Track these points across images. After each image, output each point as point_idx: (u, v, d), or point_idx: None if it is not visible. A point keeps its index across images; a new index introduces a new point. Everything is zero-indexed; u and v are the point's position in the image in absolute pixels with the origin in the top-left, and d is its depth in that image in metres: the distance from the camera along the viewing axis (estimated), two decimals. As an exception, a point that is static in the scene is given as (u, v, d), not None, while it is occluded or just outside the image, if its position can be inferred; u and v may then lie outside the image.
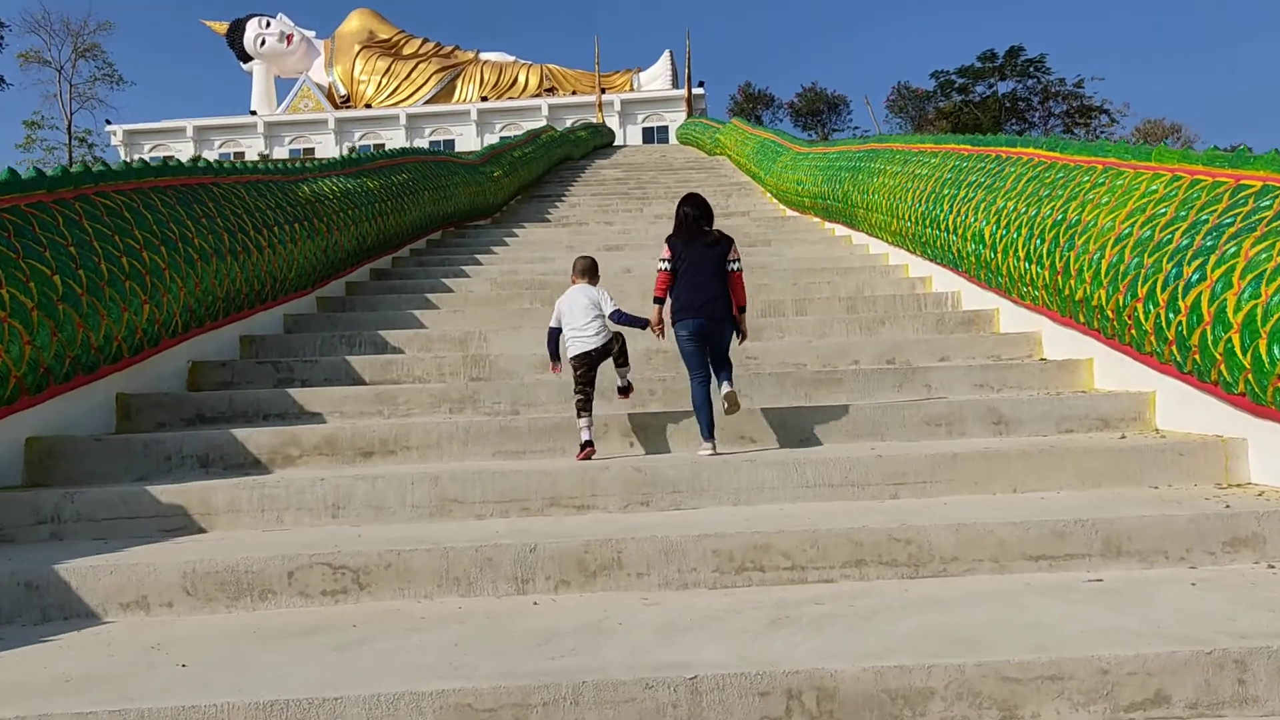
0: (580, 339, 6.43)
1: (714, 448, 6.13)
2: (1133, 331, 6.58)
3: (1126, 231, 6.76)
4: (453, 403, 7.21)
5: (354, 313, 10.26)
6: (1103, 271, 6.86)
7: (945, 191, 10.25)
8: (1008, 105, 56.34)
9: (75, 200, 6.99)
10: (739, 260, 6.56)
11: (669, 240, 6.60)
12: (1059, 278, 7.54)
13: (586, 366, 6.39)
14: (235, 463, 6.19)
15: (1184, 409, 6.19)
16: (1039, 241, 7.90)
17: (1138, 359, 6.66)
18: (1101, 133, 57.83)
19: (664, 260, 6.51)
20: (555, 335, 6.69)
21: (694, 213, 6.56)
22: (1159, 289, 6.18)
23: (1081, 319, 7.39)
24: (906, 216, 11.30)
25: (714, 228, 6.65)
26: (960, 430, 6.47)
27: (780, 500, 5.49)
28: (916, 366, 7.63)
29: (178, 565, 4.42)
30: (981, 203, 9.25)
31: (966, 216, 9.46)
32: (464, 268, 12.61)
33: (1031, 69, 54.56)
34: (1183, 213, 6.36)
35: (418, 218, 14.03)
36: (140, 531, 5.29)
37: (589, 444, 6.15)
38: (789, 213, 18.06)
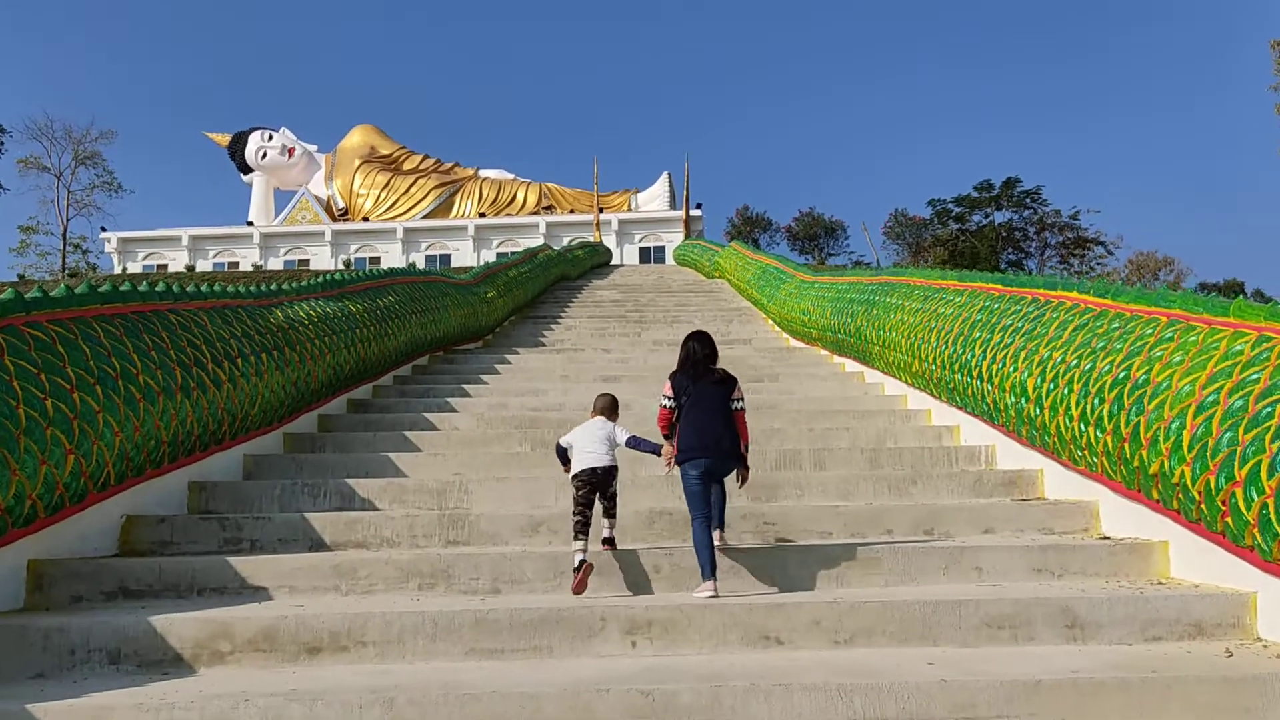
0: (588, 456, 6.43)
1: (715, 589, 5.83)
2: (1228, 519, 5.58)
3: (1211, 399, 5.83)
4: (423, 578, 6.14)
5: (323, 454, 9.24)
6: (1185, 444, 5.90)
7: (976, 335, 9.39)
8: (1004, 235, 56.55)
9: (-2, 332, 6.05)
10: (743, 400, 6.60)
11: (673, 376, 6.63)
12: (1125, 445, 6.59)
13: (589, 487, 6.37)
14: (152, 659, 5.09)
15: (1299, 618, 5.16)
16: (1096, 400, 6.97)
17: (1234, 551, 5.64)
18: (1097, 265, 58.03)
19: (666, 397, 6.57)
20: (563, 451, 6.71)
21: (702, 351, 6.62)
22: (1264, 473, 5.21)
23: (1155, 495, 6.41)
24: (930, 359, 10.43)
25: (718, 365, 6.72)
26: (1028, 634, 5.41)
27: (821, 736, 4.40)
28: (963, 545, 6.59)
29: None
30: (1021, 351, 8.37)
31: (1004, 365, 8.57)
32: (449, 399, 11.65)
33: (1028, 200, 54.91)
34: (1281, 381, 5.46)
35: (403, 343, 13.12)
36: (13, 763, 4.18)
37: (584, 565, 5.96)
38: (793, 343, 17.26)
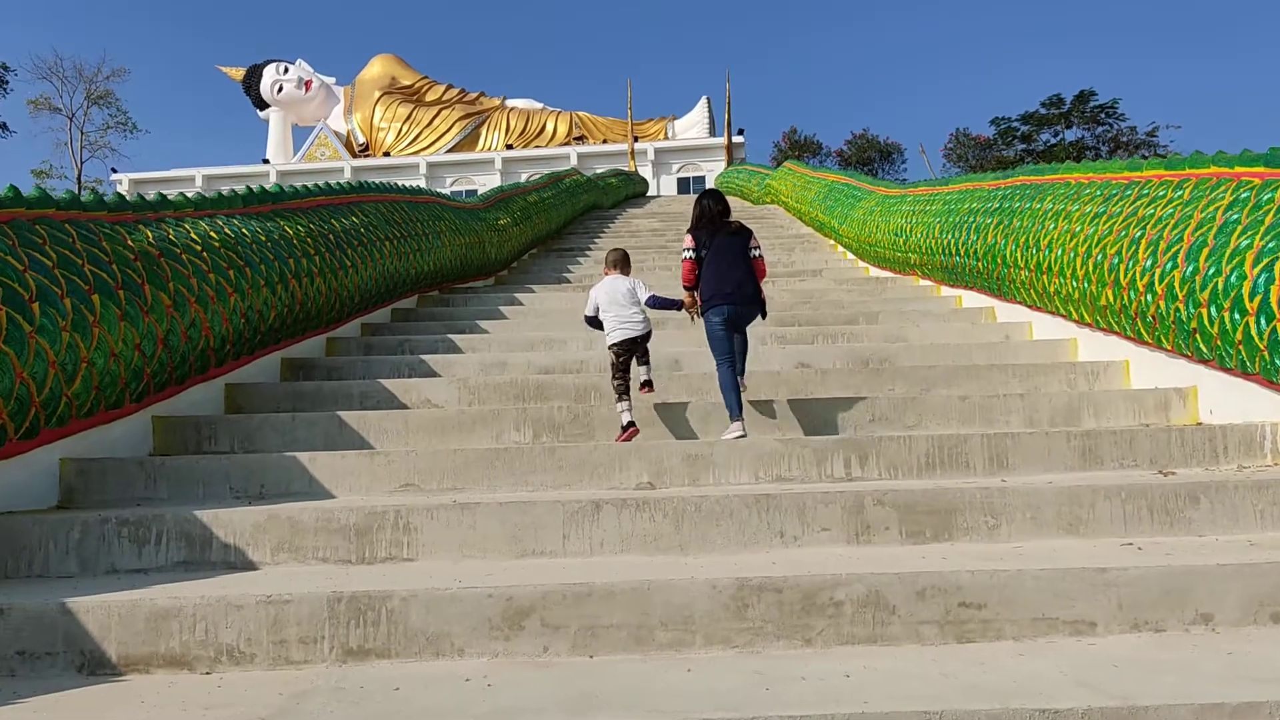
0: (624, 327, 6.56)
1: (742, 428, 5.98)
2: None
3: None
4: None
5: (204, 456, 5.88)
6: None
7: (1243, 242, 5.79)
8: (1074, 155, 51.87)
9: None
10: (760, 248, 6.76)
11: (692, 232, 6.74)
12: None
13: (627, 354, 6.51)
14: None
15: None
16: None
17: None
18: (1175, 184, 53.21)
19: (688, 249, 6.71)
20: (595, 321, 6.80)
21: (715, 206, 6.79)
22: None
23: None
24: (1139, 284, 6.83)
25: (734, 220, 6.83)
26: None
27: None
28: None
29: None
30: (1368, 266, 4.78)
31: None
32: (427, 357, 8.22)
33: (1103, 115, 50.10)
34: None
35: (371, 279, 9.69)
36: None
37: (631, 425, 6.14)
38: (874, 271, 13.68)
